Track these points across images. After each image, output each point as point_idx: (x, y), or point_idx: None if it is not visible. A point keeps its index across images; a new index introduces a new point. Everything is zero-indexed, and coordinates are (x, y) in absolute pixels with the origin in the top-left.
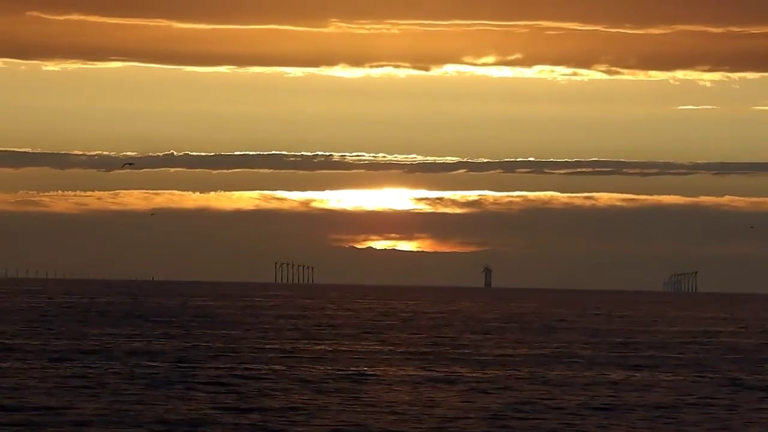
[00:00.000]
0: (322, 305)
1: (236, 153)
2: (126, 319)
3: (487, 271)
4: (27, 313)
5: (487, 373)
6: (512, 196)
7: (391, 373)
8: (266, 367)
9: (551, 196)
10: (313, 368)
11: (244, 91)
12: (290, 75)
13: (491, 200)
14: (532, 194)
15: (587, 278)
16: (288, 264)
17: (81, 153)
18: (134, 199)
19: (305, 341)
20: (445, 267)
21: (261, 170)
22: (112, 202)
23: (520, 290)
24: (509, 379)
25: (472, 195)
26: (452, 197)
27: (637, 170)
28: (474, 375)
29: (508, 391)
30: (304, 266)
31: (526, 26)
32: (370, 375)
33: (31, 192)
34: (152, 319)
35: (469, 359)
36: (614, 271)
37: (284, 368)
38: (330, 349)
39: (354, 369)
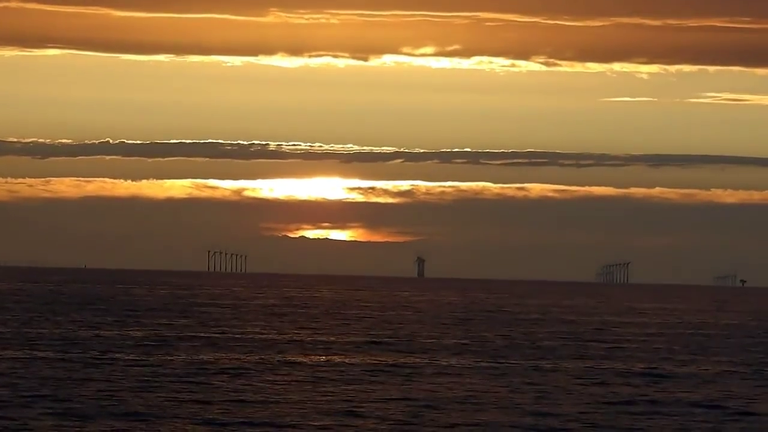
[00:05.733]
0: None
1: (172, 141)
2: None
3: (420, 261)
4: None
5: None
6: (444, 187)
7: None
8: None
9: (483, 186)
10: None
11: (182, 79)
12: (229, 64)
13: (423, 190)
14: (464, 185)
15: (519, 269)
16: (221, 252)
17: (15, 140)
18: (65, 186)
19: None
20: (377, 256)
21: (196, 159)
22: (43, 190)
23: (451, 280)
24: None
25: (405, 185)
26: (384, 187)
27: (573, 162)
28: None
29: None
30: (236, 255)
31: (465, 17)
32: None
33: None
34: None
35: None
36: (546, 261)
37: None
38: None
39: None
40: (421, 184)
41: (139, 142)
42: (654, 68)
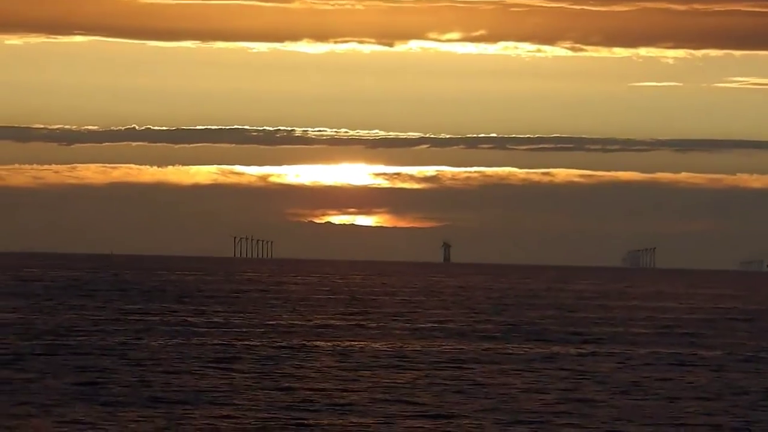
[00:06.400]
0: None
1: (198, 127)
2: None
3: (446, 247)
4: None
5: None
6: (470, 172)
7: None
8: None
9: (509, 171)
10: None
11: (208, 66)
12: (254, 50)
13: (449, 176)
14: (489, 170)
15: (545, 254)
16: (247, 238)
17: (42, 126)
18: (91, 173)
19: None
20: (404, 242)
21: (222, 145)
22: (70, 176)
23: (478, 265)
24: None
25: (430, 170)
26: (410, 172)
27: (599, 147)
28: None
29: None
30: (263, 241)
31: (490, 3)
32: None
33: None
34: None
35: None
36: (572, 246)
37: None
38: None
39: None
40: (447, 170)
41: (165, 128)
42: (680, 53)
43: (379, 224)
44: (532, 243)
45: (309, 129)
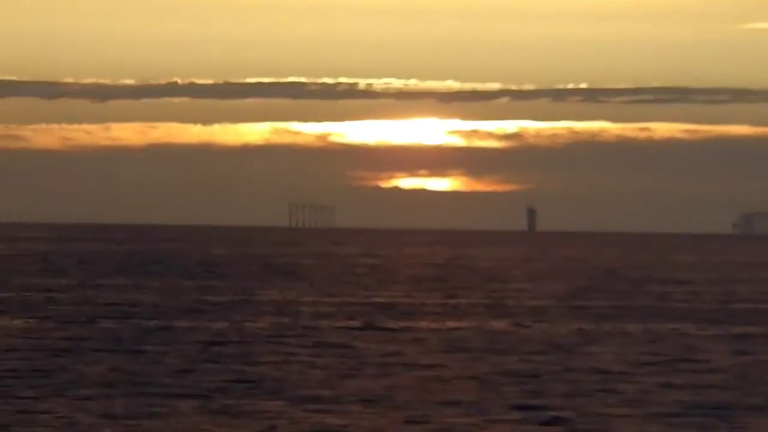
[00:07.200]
0: None
1: (248, 80)
2: None
3: (531, 212)
4: None
5: None
6: (557, 128)
7: None
8: None
9: (601, 127)
10: None
11: (259, 11)
12: None
13: (533, 133)
14: (579, 125)
15: (644, 221)
16: (304, 206)
17: (72, 81)
18: (128, 133)
19: None
20: (482, 208)
21: (276, 100)
22: (104, 137)
23: (564, 234)
24: None
25: (512, 126)
26: (489, 129)
27: (705, 98)
28: None
29: None
30: (322, 208)
31: None
32: None
33: (11, 125)
34: None
35: None
36: (675, 211)
37: None
38: None
39: None
40: (531, 126)
41: (210, 82)
42: None
43: (453, 188)
44: (627, 208)
45: (374, 81)
